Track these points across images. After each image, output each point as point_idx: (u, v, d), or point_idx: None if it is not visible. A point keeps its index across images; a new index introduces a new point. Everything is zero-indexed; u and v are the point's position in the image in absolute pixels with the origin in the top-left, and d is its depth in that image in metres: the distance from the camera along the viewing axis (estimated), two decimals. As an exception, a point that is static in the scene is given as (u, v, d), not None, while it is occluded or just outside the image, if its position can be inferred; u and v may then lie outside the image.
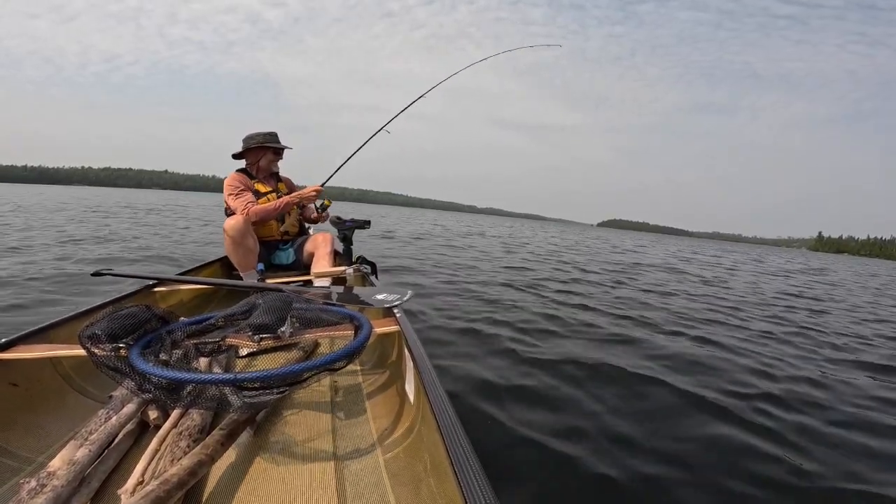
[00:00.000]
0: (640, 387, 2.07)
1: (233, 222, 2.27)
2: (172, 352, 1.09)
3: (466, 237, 13.39)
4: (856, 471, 1.56)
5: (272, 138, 2.56)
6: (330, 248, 2.48)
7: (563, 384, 2.03)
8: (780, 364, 2.66)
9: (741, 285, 7.18)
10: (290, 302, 1.21)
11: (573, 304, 4.02)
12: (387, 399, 1.26)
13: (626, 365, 2.32)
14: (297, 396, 1.27)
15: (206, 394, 0.96)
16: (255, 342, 1.09)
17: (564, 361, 2.30)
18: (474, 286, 4.44)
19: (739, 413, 1.88)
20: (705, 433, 1.70)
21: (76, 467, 0.81)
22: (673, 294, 5.32)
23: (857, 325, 4.54)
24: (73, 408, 1.16)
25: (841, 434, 1.82)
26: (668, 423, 1.77)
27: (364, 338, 1.09)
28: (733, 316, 4.20)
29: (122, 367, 0.97)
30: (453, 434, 0.75)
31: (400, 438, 1.04)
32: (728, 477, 1.43)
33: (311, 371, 0.99)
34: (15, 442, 0.98)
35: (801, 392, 2.21)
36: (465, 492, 0.61)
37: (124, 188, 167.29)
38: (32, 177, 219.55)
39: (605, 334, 2.99)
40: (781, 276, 10.12)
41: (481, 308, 3.47)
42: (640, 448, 1.54)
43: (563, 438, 1.55)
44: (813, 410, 2.01)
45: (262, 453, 1.00)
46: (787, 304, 5.54)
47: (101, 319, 1.04)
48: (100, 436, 0.92)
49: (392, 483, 0.91)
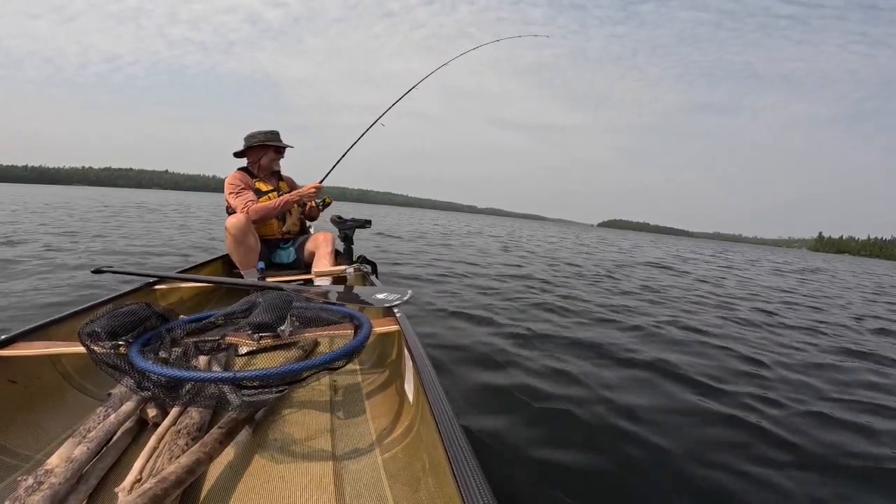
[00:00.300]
0: (654, 395, 2.06)
1: (234, 220, 2.27)
2: (172, 350, 1.08)
3: (468, 236, 13.45)
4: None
5: (273, 137, 2.56)
6: (331, 247, 2.48)
7: (560, 381, 2.04)
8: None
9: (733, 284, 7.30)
10: (290, 300, 1.20)
11: (568, 297, 4.09)
12: (386, 398, 1.26)
13: (629, 358, 2.37)
14: (296, 395, 1.27)
15: (205, 392, 0.96)
16: (255, 341, 1.08)
17: (562, 359, 2.31)
18: (474, 282, 4.47)
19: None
20: (668, 401, 1.92)
21: (74, 465, 0.81)
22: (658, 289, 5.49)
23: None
24: (71, 405, 1.16)
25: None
26: (667, 413, 1.83)
27: (364, 337, 1.09)
28: (722, 308, 4.38)
29: (121, 365, 0.97)
30: (452, 434, 0.74)
31: (399, 438, 1.04)
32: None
33: (311, 370, 0.98)
34: (13, 439, 0.98)
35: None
36: (463, 491, 0.60)
37: (125, 188, 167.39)
38: (33, 177, 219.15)
39: (596, 329, 3.03)
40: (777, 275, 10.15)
41: (479, 302, 3.49)
42: (637, 443, 1.56)
43: (560, 436, 1.55)
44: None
45: (261, 452, 1.00)
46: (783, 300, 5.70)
47: (100, 317, 1.04)
48: (98, 433, 0.92)
49: (390, 482, 0.91)
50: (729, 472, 1.44)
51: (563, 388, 1.99)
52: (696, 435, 1.68)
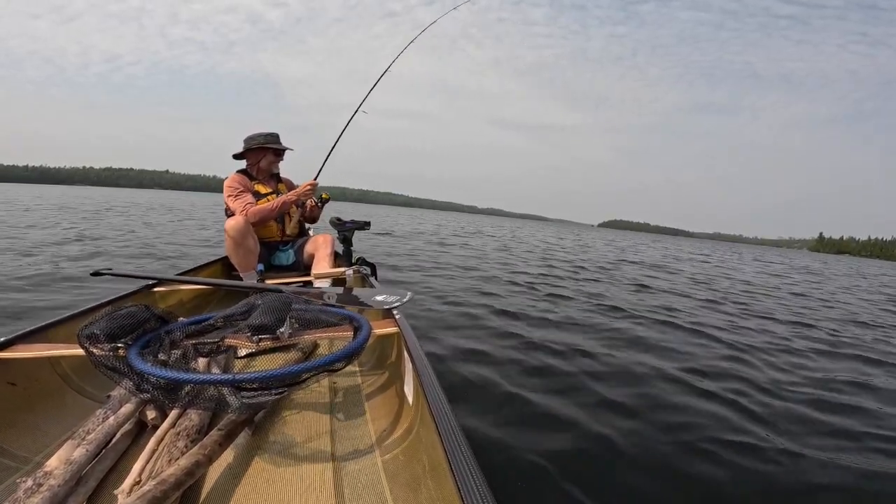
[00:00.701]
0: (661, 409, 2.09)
1: (234, 223, 2.27)
2: (171, 352, 1.08)
3: (469, 236, 13.56)
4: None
5: (273, 139, 2.56)
6: (330, 249, 2.48)
7: (556, 377, 2.07)
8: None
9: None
10: (289, 303, 1.21)
11: (558, 295, 4.20)
12: (385, 400, 1.26)
13: (631, 364, 2.37)
14: (295, 397, 1.27)
15: (205, 394, 0.96)
16: (254, 343, 1.08)
17: (563, 359, 2.32)
18: (474, 282, 4.48)
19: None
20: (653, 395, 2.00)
21: (73, 467, 0.81)
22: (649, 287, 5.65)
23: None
24: (71, 407, 1.16)
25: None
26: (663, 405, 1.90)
27: (363, 339, 1.09)
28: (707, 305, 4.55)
29: (120, 367, 0.97)
30: (452, 436, 0.74)
31: (398, 440, 1.03)
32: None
33: (310, 372, 0.99)
34: (12, 441, 0.98)
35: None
36: (463, 493, 0.60)
37: (126, 188, 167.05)
38: (33, 177, 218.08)
39: (598, 329, 3.06)
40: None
41: (479, 302, 3.50)
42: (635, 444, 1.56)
43: (557, 435, 1.55)
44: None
45: (261, 454, 0.99)
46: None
47: (99, 319, 1.04)
48: (97, 435, 0.91)
49: (390, 484, 0.91)
50: (720, 465, 1.47)
51: (565, 388, 1.99)
52: (694, 428, 1.72)
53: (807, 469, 1.51)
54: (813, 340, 3.49)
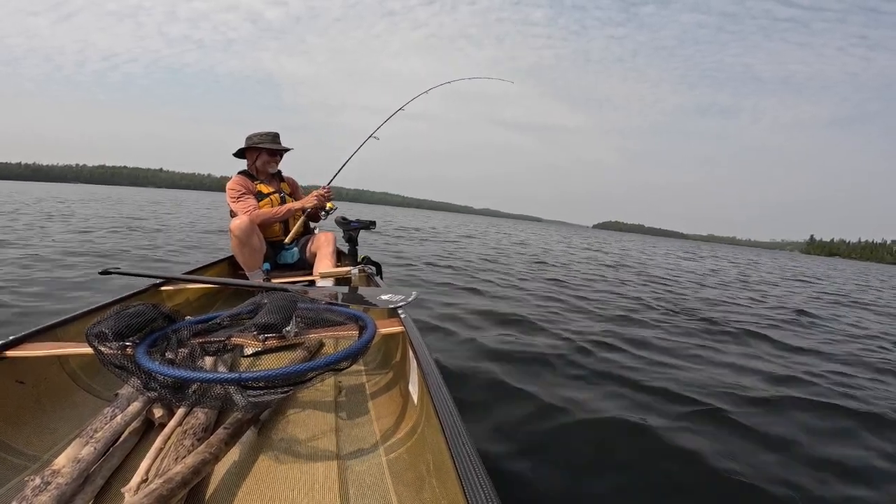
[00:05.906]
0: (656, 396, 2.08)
1: (238, 222, 2.27)
2: (178, 350, 1.09)
3: (466, 237, 13.49)
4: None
5: (266, 139, 2.51)
6: (332, 247, 2.48)
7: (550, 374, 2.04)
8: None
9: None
10: (295, 302, 1.21)
11: (567, 298, 4.08)
12: (390, 399, 1.26)
13: (628, 357, 2.33)
14: (300, 396, 1.27)
15: (211, 392, 0.96)
16: (260, 342, 1.09)
17: (564, 359, 2.31)
18: (472, 284, 4.46)
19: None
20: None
21: (81, 465, 0.82)
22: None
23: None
24: (79, 406, 1.17)
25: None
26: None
27: (368, 338, 1.09)
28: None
29: (128, 366, 0.97)
30: (456, 435, 0.74)
31: (403, 439, 1.03)
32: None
33: (316, 371, 0.98)
34: (21, 439, 0.99)
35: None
36: (467, 493, 0.60)
37: (119, 186, 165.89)
38: (27, 174, 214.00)
39: (604, 327, 3.01)
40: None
41: (478, 302, 3.48)
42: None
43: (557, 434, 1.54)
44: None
45: (266, 452, 1.00)
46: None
47: (108, 318, 1.04)
48: (105, 434, 0.92)
49: (394, 483, 0.91)
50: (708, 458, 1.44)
51: (567, 388, 1.98)
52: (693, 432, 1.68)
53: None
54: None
